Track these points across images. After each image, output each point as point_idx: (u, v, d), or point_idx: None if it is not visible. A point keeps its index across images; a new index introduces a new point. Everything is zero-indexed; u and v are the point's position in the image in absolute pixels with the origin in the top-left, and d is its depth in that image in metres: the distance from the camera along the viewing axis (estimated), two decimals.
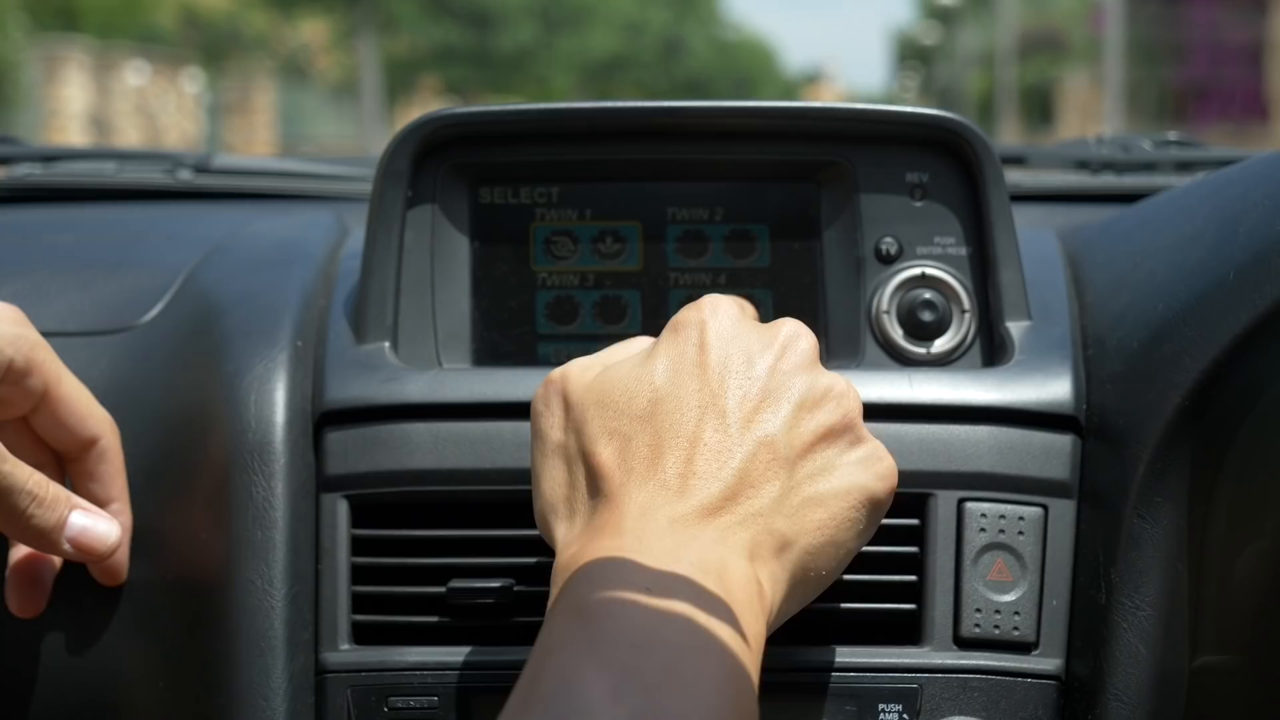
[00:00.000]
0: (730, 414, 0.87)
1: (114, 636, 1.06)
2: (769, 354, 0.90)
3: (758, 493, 0.85)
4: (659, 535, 0.82)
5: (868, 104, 1.14)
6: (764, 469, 0.86)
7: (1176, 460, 0.97)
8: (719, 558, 0.82)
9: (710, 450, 0.85)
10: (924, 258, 1.13)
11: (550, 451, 0.91)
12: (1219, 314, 0.96)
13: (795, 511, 0.86)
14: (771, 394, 0.88)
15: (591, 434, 0.88)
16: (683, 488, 0.84)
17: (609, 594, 0.79)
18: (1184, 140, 1.78)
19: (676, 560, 0.81)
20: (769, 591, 0.84)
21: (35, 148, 1.79)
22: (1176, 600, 0.97)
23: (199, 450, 1.06)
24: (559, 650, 0.78)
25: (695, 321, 0.91)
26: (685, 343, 0.90)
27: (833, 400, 0.90)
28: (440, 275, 1.13)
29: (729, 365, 0.89)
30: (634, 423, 0.87)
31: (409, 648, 1.03)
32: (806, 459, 0.88)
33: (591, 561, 0.82)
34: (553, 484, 0.91)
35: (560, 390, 0.92)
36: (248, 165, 1.71)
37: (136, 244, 1.30)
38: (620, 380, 0.90)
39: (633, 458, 0.86)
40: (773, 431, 0.87)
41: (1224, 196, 1.05)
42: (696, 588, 0.80)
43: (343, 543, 1.05)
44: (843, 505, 0.88)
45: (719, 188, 1.14)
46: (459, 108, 1.12)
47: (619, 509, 0.85)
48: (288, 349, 1.08)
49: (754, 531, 0.85)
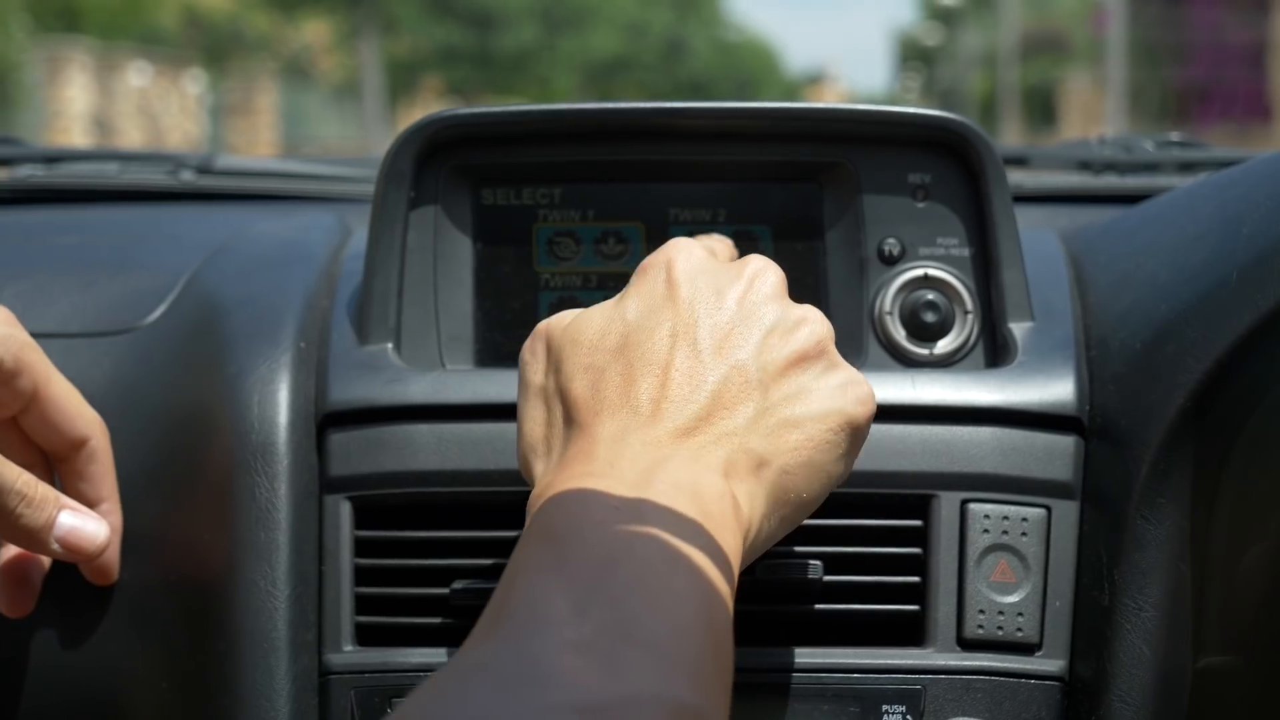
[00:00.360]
0: (701, 341, 0.87)
1: (117, 637, 1.06)
2: (738, 285, 0.91)
3: (732, 413, 0.86)
4: (631, 458, 0.83)
5: (870, 105, 1.14)
6: (737, 391, 0.86)
7: (1180, 461, 0.97)
8: (692, 475, 0.82)
9: (682, 375, 0.86)
10: (927, 259, 1.13)
11: (532, 395, 0.92)
12: (1222, 314, 0.96)
13: (771, 432, 0.86)
14: (742, 321, 0.89)
15: (567, 371, 0.89)
16: (655, 412, 0.85)
17: (577, 514, 0.80)
18: (1186, 141, 1.78)
19: (648, 480, 0.81)
20: (745, 507, 0.84)
21: (38, 149, 1.79)
22: (1180, 601, 0.97)
23: (202, 451, 1.06)
24: (525, 571, 0.78)
25: (662, 261, 0.92)
26: (654, 280, 0.91)
27: (805, 327, 0.90)
28: (443, 276, 1.13)
29: (698, 297, 0.89)
30: (606, 356, 0.88)
31: (412, 649, 1.03)
32: (780, 382, 0.88)
33: (563, 485, 0.83)
34: (532, 424, 0.91)
35: (544, 339, 0.93)
36: (250, 166, 1.71)
37: (139, 245, 1.30)
38: (594, 320, 0.91)
39: (605, 388, 0.87)
40: (745, 357, 0.87)
41: (1227, 197, 1.05)
42: (667, 504, 0.80)
43: (346, 544, 1.05)
44: (820, 428, 0.88)
45: (721, 189, 1.14)
46: (461, 109, 1.12)
47: (591, 437, 0.85)
48: (291, 350, 1.08)
49: (728, 450, 0.85)
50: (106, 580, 1.06)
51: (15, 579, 1.05)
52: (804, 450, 0.87)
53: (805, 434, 0.87)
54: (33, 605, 1.05)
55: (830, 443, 0.88)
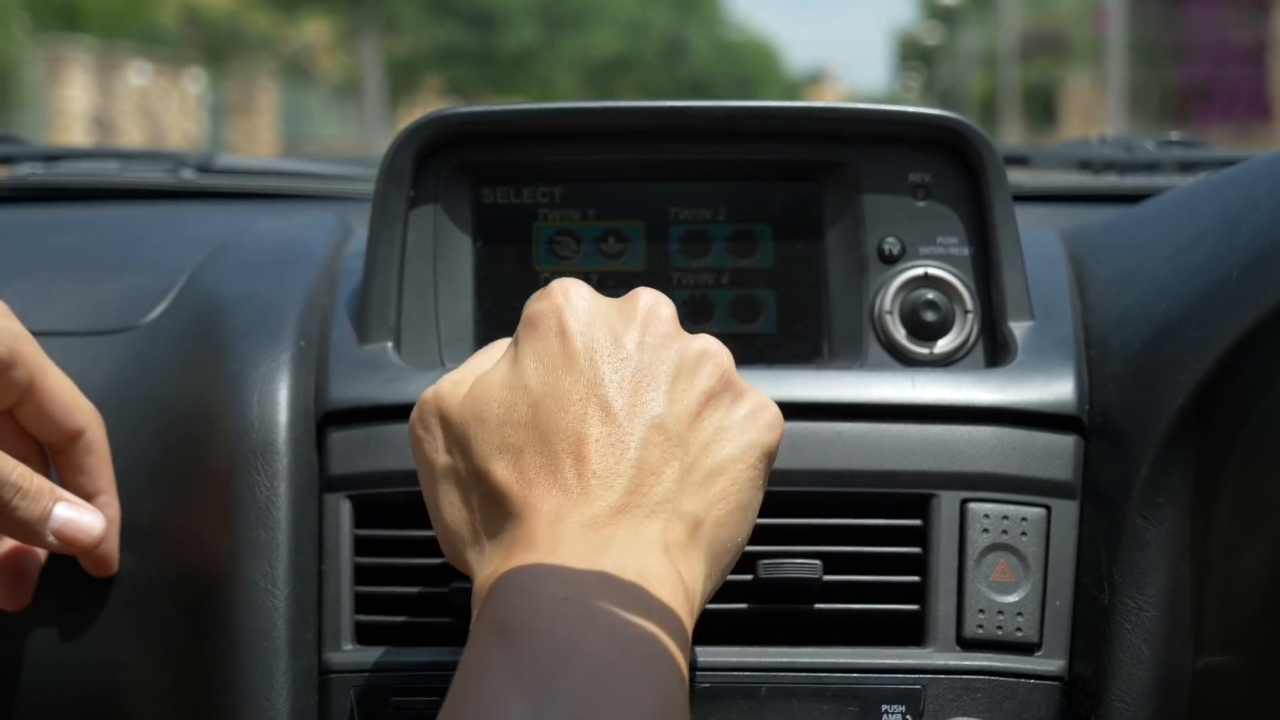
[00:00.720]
0: (613, 402, 0.84)
1: (116, 635, 1.06)
2: (633, 329, 0.87)
3: (659, 478, 0.83)
4: (573, 542, 0.80)
5: (870, 104, 1.14)
6: (660, 453, 0.84)
7: (1180, 460, 0.97)
8: (636, 558, 0.80)
9: (603, 445, 0.83)
10: (927, 258, 1.13)
11: (440, 477, 0.88)
12: (1222, 314, 0.96)
13: (698, 487, 0.84)
14: (647, 371, 0.86)
15: (480, 452, 0.85)
16: (585, 489, 0.82)
17: (527, 608, 0.78)
18: (1187, 141, 1.78)
19: (593, 566, 0.79)
20: (689, 582, 0.82)
21: (38, 147, 1.79)
22: (1180, 601, 0.97)
23: (202, 450, 1.06)
24: (479, 672, 0.76)
25: (551, 310, 0.87)
26: (547, 335, 0.87)
27: (708, 362, 0.88)
28: (443, 275, 1.12)
29: (597, 350, 0.86)
30: (519, 432, 0.84)
31: (412, 648, 1.03)
32: (696, 430, 0.86)
33: (508, 576, 0.80)
34: (452, 510, 0.87)
35: (436, 411, 0.89)
36: (251, 165, 1.71)
37: (139, 244, 1.30)
38: (494, 389, 0.86)
39: (528, 468, 0.83)
40: (659, 411, 0.85)
41: (1227, 196, 1.05)
42: (616, 593, 0.78)
43: (345, 543, 1.05)
44: (741, 467, 0.86)
45: (722, 188, 1.14)
46: (461, 107, 1.12)
47: (528, 523, 0.82)
48: (291, 349, 1.08)
49: (663, 520, 0.82)
50: (106, 571, 1.06)
51: (11, 572, 1.05)
52: (731, 496, 0.86)
53: (729, 479, 0.86)
54: (29, 598, 1.05)
55: (751, 479, 0.87)
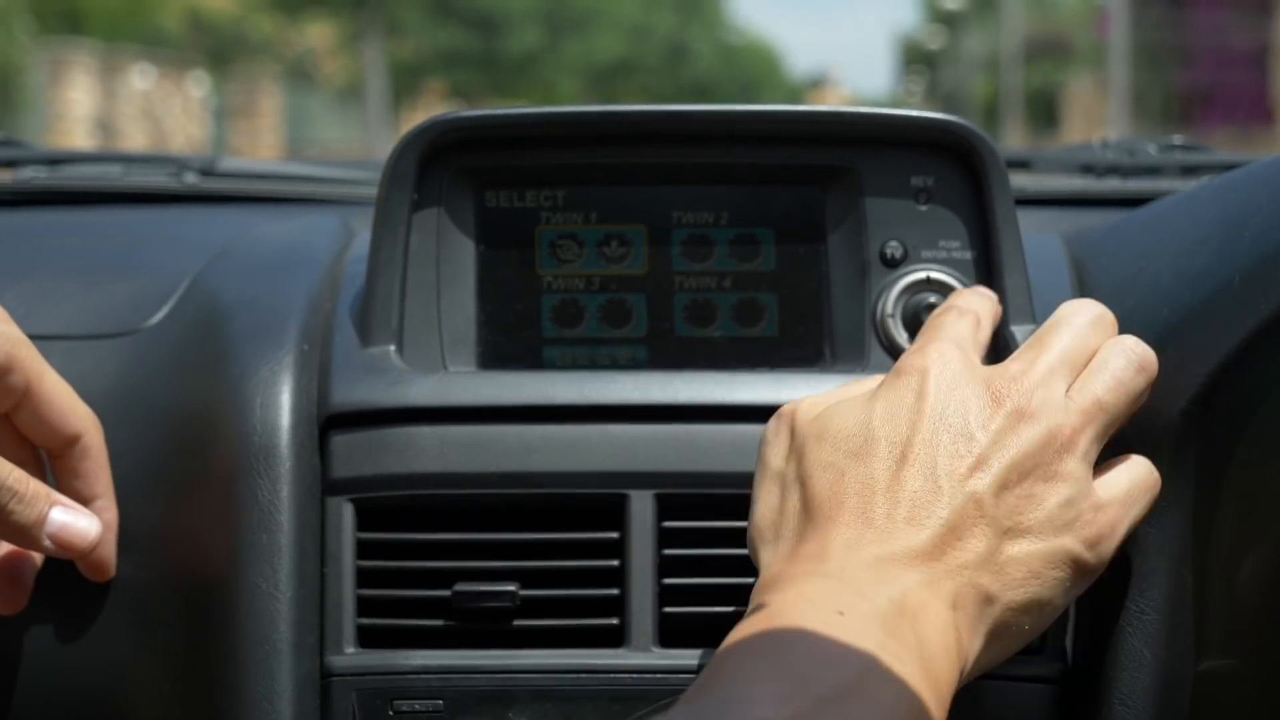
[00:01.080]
0: (941, 471, 0.87)
1: (118, 639, 1.06)
2: (993, 419, 0.89)
3: (964, 546, 0.86)
4: (862, 568, 0.83)
5: (872, 108, 1.14)
6: (971, 525, 0.86)
7: (1182, 464, 0.96)
8: (920, 600, 0.83)
9: (920, 498, 0.86)
10: (929, 261, 1.13)
11: (769, 478, 0.93)
12: (1224, 318, 0.96)
13: (1000, 569, 0.86)
14: (986, 459, 0.88)
15: (808, 464, 0.90)
16: (889, 528, 0.85)
17: (800, 610, 0.81)
18: (1189, 145, 1.77)
19: (875, 593, 0.82)
20: (966, 642, 0.84)
21: (40, 151, 1.79)
22: (1181, 604, 0.97)
23: (204, 453, 1.06)
24: (738, 652, 0.80)
25: (918, 370, 0.91)
26: (906, 390, 0.90)
27: (1063, 489, 0.89)
28: (445, 279, 1.13)
29: (946, 423, 0.88)
30: (848, 459, 0.89)
31: (414, 651, 1.03)
32: (1015, 522, 0.88)
33: (789, 580, 0.84)
34: (765, 508, 0.92)
35: (789, 422, 0.95)
36: (253, 169, 1.71)
37: (142, 247, 1.30)
38: (840, 417, 0.91)
39: (845, 491, 0.87)
40: (982, 490, 0.87)
41: (1229, 201, 1.05)
42: (890, 621, 0.81)
43: (348, 546, 1.05)
44: (1047, 566, 0.88)
45: (724, 191, 1.14)
46: (465, 111, 1.12)
47: (825, 538, 0.86)
48: (293, 352, 1.08)
49: (958, 583, 0.85)
50: (103, 576, 1.06)
51: (7, 576, 1.05)
52: (1030, 586, 0.88)
53: (1031, 570, 0.88)
54: (25, 602, 1.05)
55: (1056, 580, 0.89)
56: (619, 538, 1.05)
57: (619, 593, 1.04)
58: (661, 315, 1.13)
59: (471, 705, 1.02)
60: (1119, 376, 0.93)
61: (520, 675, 1.03)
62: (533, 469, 1.05)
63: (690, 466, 1.06)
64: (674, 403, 1.07)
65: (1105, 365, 0.94)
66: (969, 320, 0.97)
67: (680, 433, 1.07)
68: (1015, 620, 0.88)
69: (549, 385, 1.08)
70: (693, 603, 1.04)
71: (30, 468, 1.02)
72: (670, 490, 1.05)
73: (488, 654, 1.03)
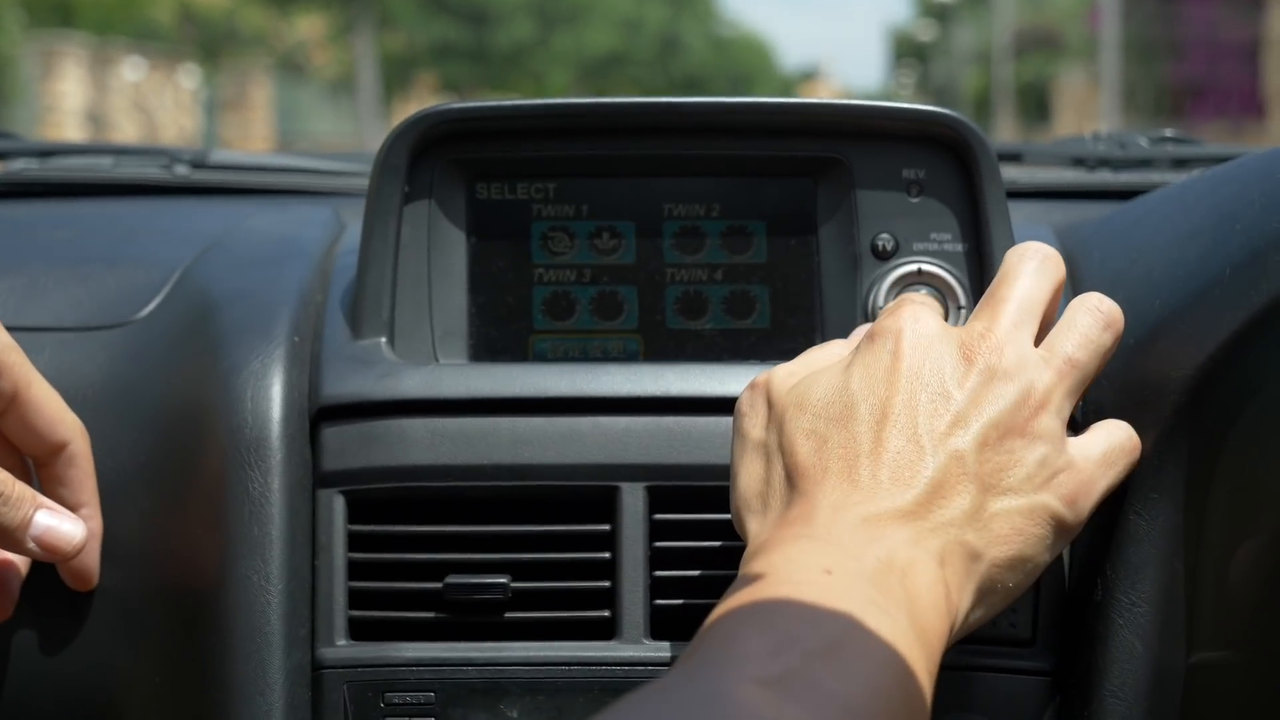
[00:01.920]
0: (921, 429, 0.88)
1: (110, 632, 1.06)
2: (967, 376, 0.90)
3: (949, 503, 0.86)
4: (849, 529, 0.84)
5: (864, 101, 1.14)
6: (955, 482, 0.87)
7: (1173, 457, 0.97)
8: (908, 557, 0.83)
9: (902, 458, 0.87)
10: (920, 254, 1.13)
11: (750, 449, 0.94)
12: (1215, 311, 0.96)
13: (984, 525, 0.87)
14: (964, 415, 0.89)
15: (790, 433, 0.91)
16: (875, 488, 0.86)
17: (787, 570, 0.82)
18: (1180, 137, 1.77)
19: (863, 552, 0.83)
20: (955, 597, 0.85)
21: (31, 143, 1.78)
22: (1173, 596, 0.97)
23: (195, 446, 1.06)
24: (728, 615, 0.80)
25: (892, 330, 0.92)
26: (881, 350, 0.91)
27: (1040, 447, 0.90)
28: (437, 270, 1.12)
29: (922, 381, 0.89)
30: (829, 425, 0.90)
31: (406, 643, 1.03)
32: (996, 478, 0.88)
33: (776, 544, 0.85)
34: (749, 479, 0.93)
35: (764, 392, 0.95)
36: (244, 161, 1.71)
37: (133, 239, 1.30)
38: (818, 385, 0.92)
39: (829, 457, 0.88)
40: (963, 447, 0.88)
41: (1220, 194, 1.05)
42: (878, 578, 0.82)
43: (339, 538, 1.05)
44: (1029, 522, 0.89)
45: (715, 183, 1.14)
46: (456, 103, 1.12)
47: (811, 502, 0.87)
48: (284, 344, 1.08)
49: (945, 540, 0.85)
50: (86, 585, 1.05)
51: None
52: (1013, 542, 0.88)
53: (1014, 528, 0.88)
54: (11, 610, 1.05)
55: (1038, 537, 0.89)
56: (610, 530, 1.05)
57: (610, 585, 1.04)
58: (653, 307, 1.13)
59: (463, 697, 1.02)
60: (1088, 334, 0.94)
61: (512, 668, 1.03)
62: (524, 461, 1.05)
63: (682, 459, 1.06)
64: (665, 395, 1.07)
65: (1074, 323, 0.95)
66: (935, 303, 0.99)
67: (672, 425, 1.07)
68: (1001, 577, 0.88)
69: (540, 377, 1.08)
70: (684, 595, 1.04)
71: (16, 473, 1.02)
72: (661, 483, 1.05)
73: (479, 646, 1.03)
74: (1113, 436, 0.95)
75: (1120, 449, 0.94)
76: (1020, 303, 0.94)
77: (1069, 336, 0.94)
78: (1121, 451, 0.94)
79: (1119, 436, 0.95)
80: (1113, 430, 0.95)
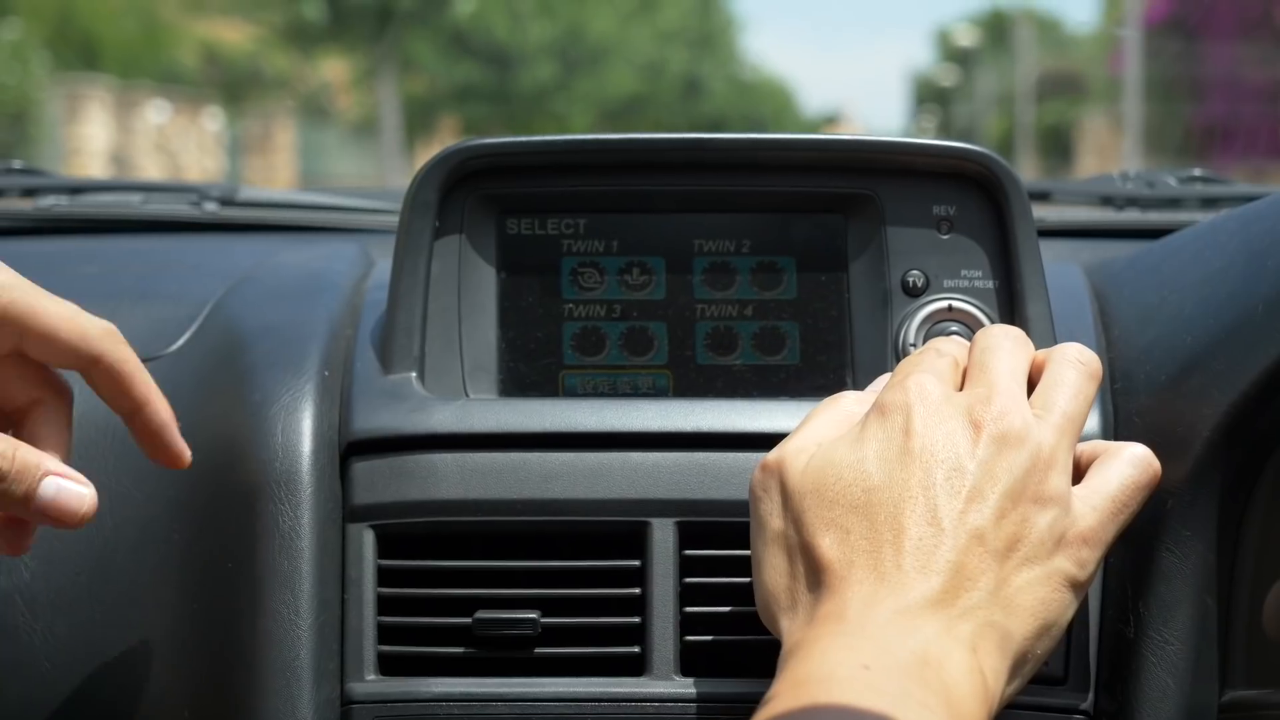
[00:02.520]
0: (941, 509, 0.87)
1: (138, 664, 1.06)
2: (977, 446, 0.90)
3: (973, 585, 0.86)
4: (882, 625, 0.84)
5: (894, 137, 1.14)
6: (977, 563, 0.87)
7: (1206, 494, 0.96)
8: (942, 648, 0.83)
9: (924, 544, 0.86)
10: (951, 290, 1.13)
11: (770, 540, 0.93)
12: (1248, 347, 0.96)
13: (1009, 601, 0.87)
14: (980, 489, 0.88)
15: (811, 525, 0.90)
16: (902, 580, 0.86)
17: (826, 669, 0.82)
18: (1209, 176, 1.77)
19: (898, 647, 0.83)
20: (991, 680, 0.85)
21: (62, 179, 1.79)
22: (1206, 634, 0.96)
23: (225, 479, 1.06)
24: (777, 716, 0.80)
25: (901, 406, 0.91)
26: (892, 429, 0.91)
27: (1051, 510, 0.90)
28: (467, 306, 1.13)
29: (936, 458, 0.89)
30: (849, 514, 0.89)
31: (435, 679, 1.03)
32: (1013, 550, 0.88)
33: (812, 644, 0.84)
34: (774, 573, 0.92)
35: (777, 476, 0.94)
36: (273, 198, 1.71)
37: (162, 274, 1.30)
38: (834, 467, 0.91)
39: (852, 550, 0.88)
40: (982, 525, 0.87)
41: (1252, 230, 1.04)
42: (915, 672, 0.81)
43: (369, 573, 1.05)
44: (1048, 590, 0.88)
45: (746, 219, 1.14)
46: (486, 138, 1.12)
47: (841, 599, 0.86)
48: (315, 379, 1.08)
49: (975, 625, 0.85)
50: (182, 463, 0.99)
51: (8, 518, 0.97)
52: (1039, 614, 0.88)
53: (1037, 598, 0.88)
54: (31, 542, 0.98)
55: (1059, 601, 0.89)
56: (640, 566, 1.05)
57: (640, 621, 1.04)
58: (683, 343, 1.13)
59: None
60: (1076, 386, 0.94)
61: (541, 704, 1.02)
62: (554, 497, 1.05)
63: (712, 495, 1.05)
64: (695, 431, 1.07)
65: (1061, 379, 0.94)
66: (947, 361, 0.97)
67: (702, 461, 1.06)
68: (1031, 648, 0.88)
69: (570, 413, 1.07)
70: (714, 631, 1.04)
71: (39, 408, 0.97)
72: (692, 518, 1.05)
73: (508, 682, 1.03)
74: (1122, 477, 0.93)
75: (1133, 488, 0.93)
76: (1009, 371, 0.94)
77: (1060, 391, 0.94)
78: (1135, 489, 0.93)
79: (1129, 476, 0.93)
80: (1122, 470, 0.93)
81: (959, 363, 0.98)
